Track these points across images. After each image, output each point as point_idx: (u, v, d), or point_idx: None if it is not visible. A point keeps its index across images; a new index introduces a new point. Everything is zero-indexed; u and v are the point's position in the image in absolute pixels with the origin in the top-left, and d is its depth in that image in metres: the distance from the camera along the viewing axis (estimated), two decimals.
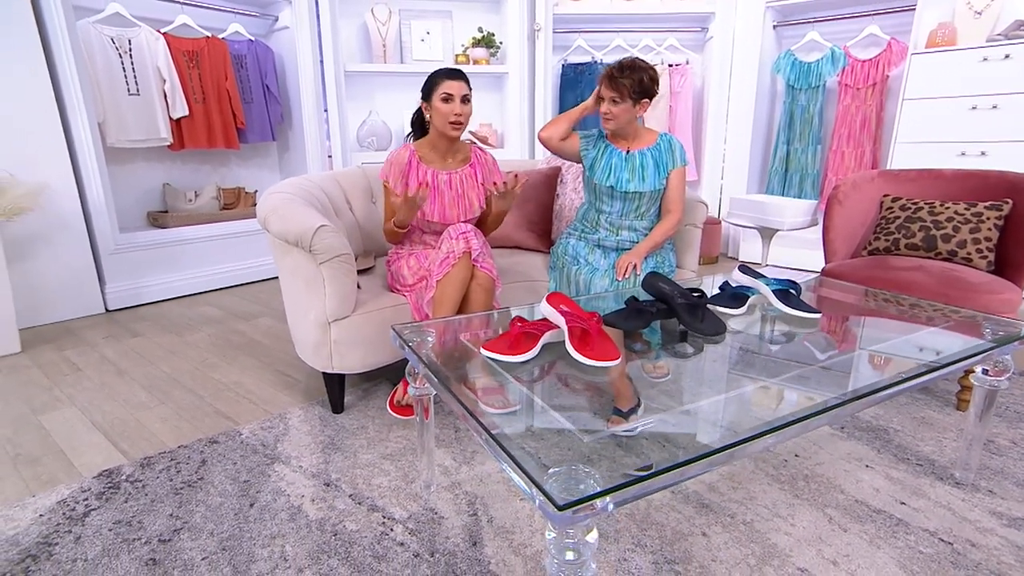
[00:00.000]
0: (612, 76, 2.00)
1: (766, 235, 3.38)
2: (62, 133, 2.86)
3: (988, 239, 2.15)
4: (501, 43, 4.09)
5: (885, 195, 2.47)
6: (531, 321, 1.36)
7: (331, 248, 1.77)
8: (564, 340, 1.29)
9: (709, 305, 1.57)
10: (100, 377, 2.31)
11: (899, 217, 2.33)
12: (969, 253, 2.15)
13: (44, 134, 2.81)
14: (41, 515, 1.45)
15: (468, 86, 1.93)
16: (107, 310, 3.16)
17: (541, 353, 1.31)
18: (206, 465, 1.67)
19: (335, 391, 1.95)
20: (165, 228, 3.45)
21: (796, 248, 4.03)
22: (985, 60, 3.00)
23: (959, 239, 2.17)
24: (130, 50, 3.21)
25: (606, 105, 2.05)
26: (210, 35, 3.49)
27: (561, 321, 1.32)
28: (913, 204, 2.34)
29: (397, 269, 2.04)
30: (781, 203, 3.27)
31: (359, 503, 1.49)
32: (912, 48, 3.25)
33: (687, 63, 4.23)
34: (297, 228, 1.76)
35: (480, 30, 4.06)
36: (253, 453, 1.73)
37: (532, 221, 2.66)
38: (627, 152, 2.16)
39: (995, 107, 3.00)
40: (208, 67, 3.49)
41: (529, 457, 0.88)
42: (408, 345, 1.34)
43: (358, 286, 1.95)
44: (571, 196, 2.58)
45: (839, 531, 1.39)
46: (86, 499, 1.51)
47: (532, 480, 0.81)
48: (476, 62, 4.02)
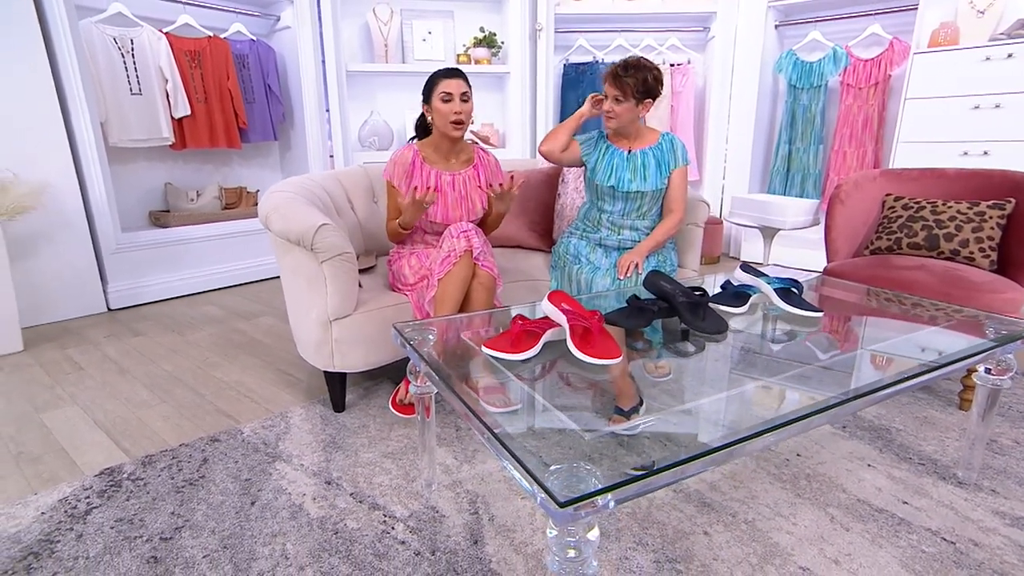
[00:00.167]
0: (616, 74, 1.99)
1: (768, 235, 3.37)
2: (64, 132, 2.87)
3: (991, 238, 2.14)
4: (502, 43, 4.09)
5: (887, 194, 2.46)
6: (532, 319, 1.36)
7: (332, 246, 1.77)
8: (565, 338, 1.29)
9: (711, 304, 1.57)
10: (102, 376, 2.31)
11: (901, 216, 2.33)
12: (972, 252, 2.14)
13: (46, 133, 2.82)
14: (43, 513, 1.45)
15: (467, 84, 1.92)
16: (109, 309, 3.16)
17: (542, 351, 1.31)
18: (207, 463, 1.67)
19: (336, 390, 1.95)
20: (167, 227, 3.45)
21: (798, 248, 4.02)
22: (988, 59, 2.99)
23: (962, 238, 2.16)
24: (132, 50, 3.22)
25: (609, 103, 2.05)
26: (212, 35, 3.49)
27: (562, 319, 1.32)
28: (915, 203, 2.33)
29: (398, 268, 2.03)
30: (783, 202, 3.27)
31: (360, 501, 1.49)
32: (914, 47, 3.24)
33: (689, 63, 4.23)
34: (299, 227, 1.76)
35: (482, 30, 4.06)
36: (254, 452, 1.73)
37: (533, 220, 2.66)
38: (629, 152, 2.16)
39: (998, 106, 2.99)
40: (210, 67, 3.49)
41: (530, 455, 0.88)
42: (409, 343, 1.34)
43: (359, 285, 1.95)
44: (572, 196, 2.58)
45: (841, 530, 1.38)
46: (88, 497, 1.52)
47: (534, 477, 0.81)
48: (477, 62, 4.02)
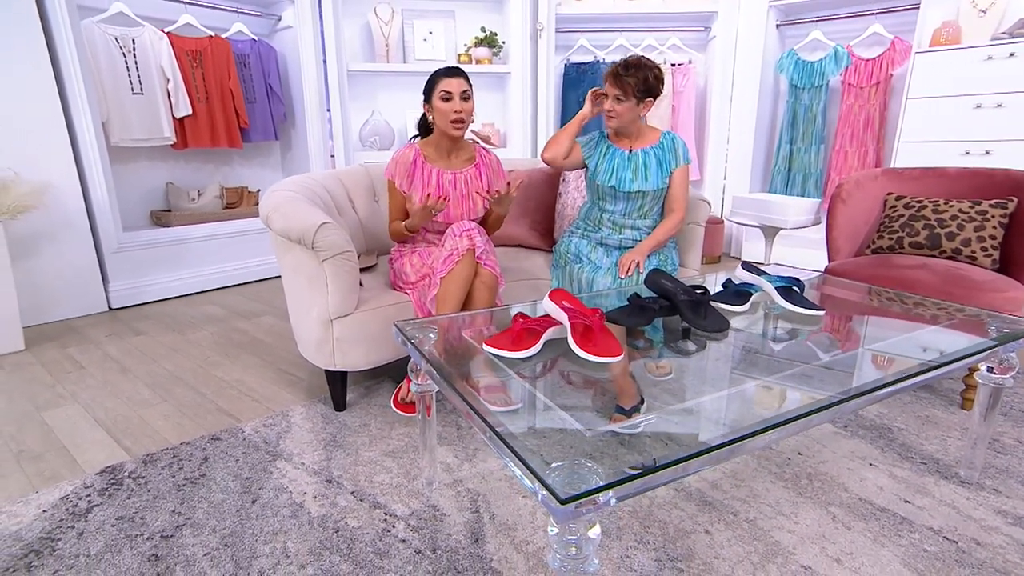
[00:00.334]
0: (617, 73, 1.99)
1: (769, 234, 3.37)
2: (66, 132, 2.87)
3: (993, 237, 2.14)
4: (503, 43, 4.09)
5: (889, 193, 2.46)
6: (534, 317, 1.36)
7: (333, 245, 1.77)
8: (567, 336, 1.29)
9: (712, 302, 1.56)
10: (103, 375, 2.32)
11: (903, 215, 2.32)
12: (974, 251, 2.14)
13: (48, 133, 2.82)
14: (44, 511, 1.45)
15: (468, 83, 1.92)
16: (110, 308, 3.16)
17: (543, 349, 1.31)
18: (208, 462, 1.67)
19: (337, 389, 1.95)
20: (168, 227, 3.45)
21: (799, 247, 4.02)
22: (990, 59, 2.99)
23: (963, 237, 2.16)
24: (134, 49, 3.22)
25: (609, 103, 2.04)
26: (213, 34, 3.50)
27: (564, 317, 1.32)
28: (917, 202, 2.33)
29: (400, 267, 2.03)
30: (784, 202, 3.26)
31: (361, 500, 1.49)
32: (916, 47, 3.24)
33: (690, 62, 4.22)
34: (299, 225, 1.76)
35: (483, 30, 4.06)
36: (255, 450, 1.73)
37: (535, 220, 2.66)
38: (630, 151, 2.15)
39: (1000, 106, 2.99)
40: (211, 66, 3.50)
41: (532, 453, 0.88)
42: (410, 341, 1.34)
43: (360, 284, 1.95)
44: (573, 195, 2.58)
45: (843, 529, 1.38)
46: (89, 495, 1.52)
47: (535, 474, 0.81)
48: (479, 62, 4.02)
